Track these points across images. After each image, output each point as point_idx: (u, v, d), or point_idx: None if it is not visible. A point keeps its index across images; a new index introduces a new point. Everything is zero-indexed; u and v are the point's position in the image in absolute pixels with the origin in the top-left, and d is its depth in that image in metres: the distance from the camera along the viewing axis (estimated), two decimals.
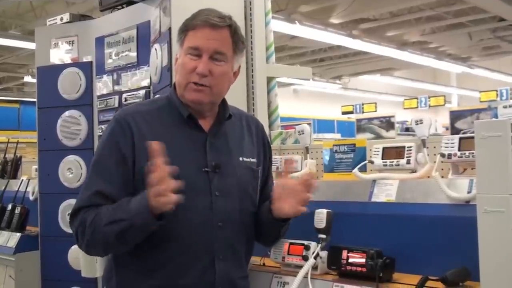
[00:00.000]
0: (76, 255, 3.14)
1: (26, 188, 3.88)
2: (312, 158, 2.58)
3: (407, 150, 2.12)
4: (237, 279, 1.84)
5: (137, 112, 1.79)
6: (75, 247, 3.17)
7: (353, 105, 19.58)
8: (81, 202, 1.73)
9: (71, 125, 3.34)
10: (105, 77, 3.26)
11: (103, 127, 3.17)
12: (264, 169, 1.98)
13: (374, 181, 2.12)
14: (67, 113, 3.36)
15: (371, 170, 2.23)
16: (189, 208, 1.70)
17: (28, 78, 15.45)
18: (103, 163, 1.74)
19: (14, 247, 3.48)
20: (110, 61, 3.23)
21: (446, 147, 2.01)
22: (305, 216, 1.96)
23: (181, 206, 1.67)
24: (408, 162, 2.10)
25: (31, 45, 10.43)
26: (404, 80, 21.41)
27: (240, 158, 1.86)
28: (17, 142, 4.77)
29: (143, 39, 3.01)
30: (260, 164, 1.94)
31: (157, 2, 2.86)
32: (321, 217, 1.96)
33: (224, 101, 1.88)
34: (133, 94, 3.02)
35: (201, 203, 1.73)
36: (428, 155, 2.11)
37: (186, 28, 1.78)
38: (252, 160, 1.90)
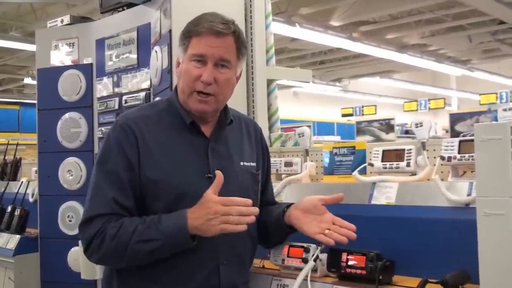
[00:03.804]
0: (75, 257, 3.15)
1: (26, 190, 3.88)
2: (312, 161, 2.58)
3: (407, 153, 2.12)
4: (240, 284, 1.84)
5: (139, 118, 1.77)
6: (74, 249, 3.18)
7: (353, 108, 19.60)
8: (97, 209, 1.68)
9: (71, 127, 3.35)
10: (105, 79, 3.26)
11: (103, 129, 3.17)
12: (263, 173, 1.98)
13: (374, 183, 2.12)
14: (67, 115, 3.37)
15: (371, 172, 2.23)
16: None
17: (28, 80, 15.48)
18: (113, 170, 1.70)
19: (13, 249, 3.48)
20: (110, 63, 3.23)
21: (446, 150, 2.01)
22: None
23: None
24: (408, 164, 2.10)
25: (31, 47, 10.45)
26: (404, 82, 21.43)
27: (241, 163, 1.86)
28: (17, 144, 4.77)
29: (144, 41, 3.01)
30: (259, 167, 1.94)
31: (158, 4, 2.86)
32: None
33: (225, 106, 1.87)
34: (133, 96, 3.02)
35: None
36: (428, 157, 2.11)
37: (190, 34, 1.75)
38: (252, 164, 1.90)
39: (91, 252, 1.69)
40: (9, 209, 3.76)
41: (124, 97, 3.08)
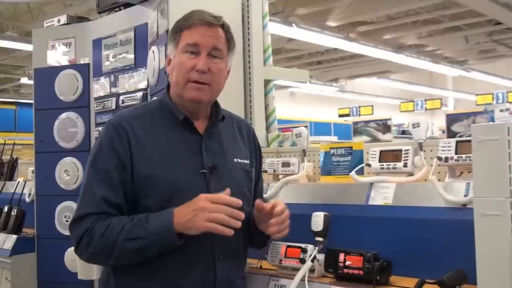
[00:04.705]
0: (72, 257, 3.14)
1: (23, 190, 3.87)
2: (309, 161, 2.59)
3: (404, 153, 2.12)
4: (236, 280, 1.85)
5: (131, 117, 1.79)
6: (71, 249, 3.17)
7: (349, 108, 19.58)
8: (87, 208, 1.69)
9: (68, 127, 3.34)
10: (102, 79, 3.26)
11: (100, 129, 3.17)
12: (256, 172, 2.00)
13: (371, 184, 2.12)
14: (64, 115, 3.36)
15: (368, 173, 2.24)
16: None
17: (24, 80, 15.44)
18: (104, 169, 1.71)
19: (10, 249, 3.47)
20: (107, 63, 3.22)
21: (443, 150, 2.01)
22: (302, 219, 1.97)
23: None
24: (405, 165, 2.10)
25: (28, 47, 10.43)
26: (401, 83, 21.44)
27: (235, 159, 1.88)
28: (14, 144, 4.77)
29: (141, 41, 3.01)
30: (253, 165, 1.96)
31: (155, 4, 2.86)
32: (318, 220, 1.96)
33: (216, 103, 1.90)
34: (130, 96, 3.02)
35: None
36: (425, 158, 2.12)
37: (180, 28, 1.78)
38: (245, 161, 1.92)
39: (81, 251, 1.70)
40: (5, 209, 3.75)
41: (121, 97, 3.08)
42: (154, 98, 2.68)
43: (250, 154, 1.96)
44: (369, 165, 2.20)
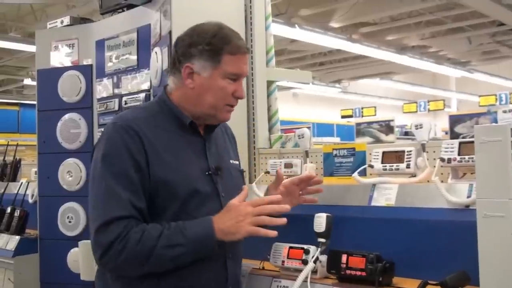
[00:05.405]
0: (75, 258, 3.14)
1: (26, 191, 3.87)
2: (311, 162, 2.58)
3: (407, 155, 2.12)
4: (239, 278, 1.89)
5: (137, 119, 1.76)
6: (74, 250, 3.17)
7: (352, 109, 19.60)
8: (114, 212, 1.62)
9: (71, 128, 3.34)
10: (105, 80, 3.26)
11: (103, 130, 3.16)
12: None
13: (373, 185, 2.12)
14: (67, 116, 3.36)
15: (371, 174, 2.23)
16: (204, 211, 1.71)
17: (28, 81, 15.49)
18: (122, 172, 1.66)
19: (13, 250, 3.47)
20: (110, 64, 3.23)
21: (445, 151, 2.01)
22: (305, 220, 1.97)
23: (197, 209, 1.70)
24: (408, 166, 2.10)
25: (31, 48, 10.45)
26: (404, 84, 21.44)
27: (230, 161, 1.93)
28: (17, 145, 4.77)
29: (144, 42, 3.01)
30: (240, 165, 2.02)
31: (158, 6, 2.87)
32: (320, 221, 1.96)
33: None
34: (133, 97, 3.02)
35: (212, 205, 1.75)
36: (427, 159, 2.11)
37: (222, 50, 1.75)
38: (237, 162, 1.99)
39: (109, 259, 1.61)
40: (8, 210, 3.75)
41: (124, 98, 3.08)
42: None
43: (236, 155, 2.04)
44: (371, 166, 2.20)
